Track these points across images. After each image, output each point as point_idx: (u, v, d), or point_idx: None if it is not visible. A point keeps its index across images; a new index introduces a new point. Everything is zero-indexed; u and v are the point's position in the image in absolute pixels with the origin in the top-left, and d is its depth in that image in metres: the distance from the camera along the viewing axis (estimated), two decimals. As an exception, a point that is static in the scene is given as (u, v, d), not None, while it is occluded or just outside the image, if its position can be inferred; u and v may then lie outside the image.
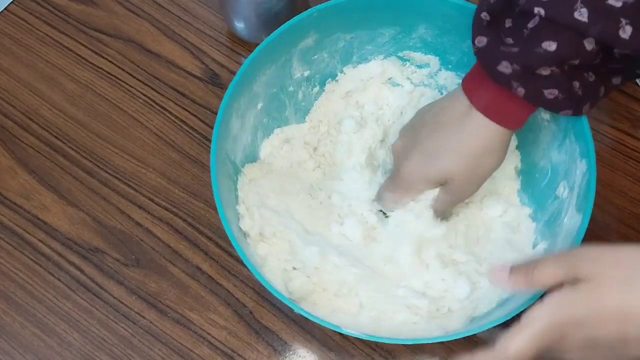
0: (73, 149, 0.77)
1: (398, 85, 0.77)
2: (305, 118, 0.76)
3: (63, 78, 0.81)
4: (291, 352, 0.69)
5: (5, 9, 0.85)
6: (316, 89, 0.76)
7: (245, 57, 0.82)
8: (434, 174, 0.65)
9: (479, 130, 0.62)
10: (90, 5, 0.85)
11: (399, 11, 0.71)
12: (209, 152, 0.77)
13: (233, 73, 0.81)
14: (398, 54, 0.75)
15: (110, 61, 0.82)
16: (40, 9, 0.85)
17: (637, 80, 0.80)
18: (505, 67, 0.57)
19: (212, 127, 0.78)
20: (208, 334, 0.70)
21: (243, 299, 0.71)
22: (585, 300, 0.49)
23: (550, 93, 0.58)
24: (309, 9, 0.69)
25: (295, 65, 0.72)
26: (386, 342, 0.61)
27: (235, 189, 0.68)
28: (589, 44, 0.55)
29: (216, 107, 0.79)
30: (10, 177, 0.76)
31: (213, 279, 0.72)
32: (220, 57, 0.82)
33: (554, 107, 0.59)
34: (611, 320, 0.49)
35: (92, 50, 0.83)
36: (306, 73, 0.74)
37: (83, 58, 0.82)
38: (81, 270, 0.72)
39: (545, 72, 0.57)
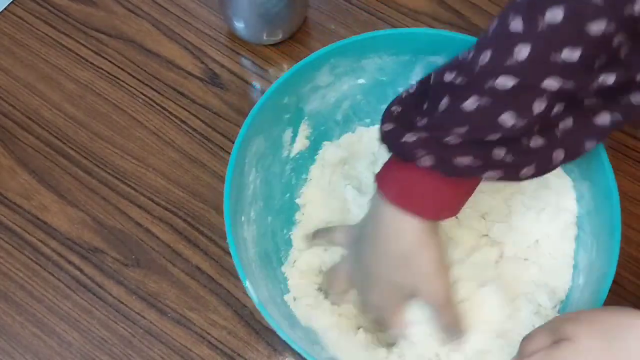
0: (73, 149, 0.77)
1: None
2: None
3: (63, 78, 0.81)
4: (291, 352, 0.69)
5: (5, 9, 0.85)
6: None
7: (246, 57, 0.82)
8: (391, 296, 0.61)
9: (396, 229, 0.57)
10: (90, 5, 0.85)
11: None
12: (209, 152, 0.77)
13: (233, 73, 0.81)
14: None
15: (110, 61, 0.82)
16: (40, 9, 0.85)
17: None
18: (409, 137, 0.53)
19: (212, 127, 0.78)
20: (208, 333, 0.70)
21: (243, 299, 0.71)
22: (566, 357, 0.50)
23: (462, 160, 0.53)
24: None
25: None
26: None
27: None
28: (508, 120, 0.51)
29: (216, 107, 0.79)
30: (10, 177, 0.76)
31: (213, 279, 0.72)
32: (220, 57, 0.82)
33: (469, 175, 0.54)
34: None
35: (92, 50, 0.83)
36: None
37: (83, 58, 0.82)
38: (81, 270, 0.72)
39: (454, 141, 0.52)
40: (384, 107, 0.59)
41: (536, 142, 0.54)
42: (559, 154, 0.55)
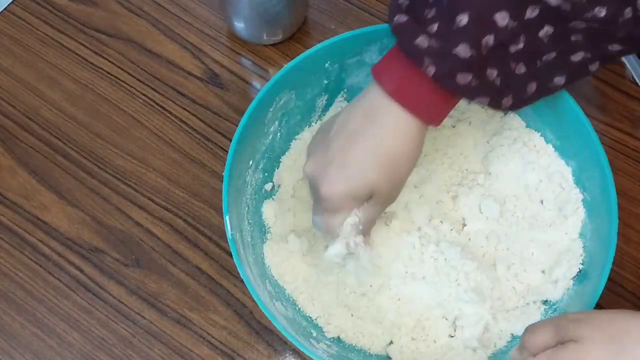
0: (73, 149, 0.77)
1: None
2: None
3: (63, 78, 0.81)
4: (291, 352, 0.69)
5: (5, 9, 0.85)
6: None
7: (246, 57, 0.82)
8: (356, 190, 0.59)
9: (388, 127, 0.58)
10: (90, 5, 0.85)
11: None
12: (209, 152, 0.77)
13: (233, 73, 0.81)
14: None
15: (110, 61, 0.82)
16: (40, 9, 0.85)
17: (638, 81, 0.80)
18: (421, 41, 0.54)
19: (212, 127, 0.78)
20: (208, 334, 0.70)
21: (243, 299, 0.71)
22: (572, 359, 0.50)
23: (463, 78, 0.55)
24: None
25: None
26: None
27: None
28: (501, 19, 0.53)
29: (216, 107, 0.79)
30: (10, 177, 0.76)
31: (213, 279, 0.72)
32: (220, 57, 0.82)
33: (466, 92, 0.56)
34: None
35: (92, 50, 0.82)
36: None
37: (83, 58, 0.82)
38: (81, 270, 0.72)
39: (464, 53, 0.54)
40: None
41: (520, 69, 0.56)
42: (532, 86, 0.58)
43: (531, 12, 0.55)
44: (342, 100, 0.74)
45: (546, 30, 0.56)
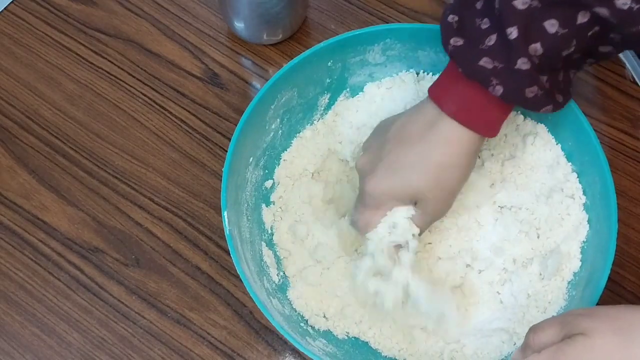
0: (73, 149, 0.77)
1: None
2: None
3: (63, 78, 0.81)
4: (291, 352, 0.69)
5: (5, 9, 0.85)
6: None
7: (246, 57, 0.82)
8: (400, 191, 0.61)
9: (445, 137, 0.59)
10: (90, 5, 0.85)
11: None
12: (209, 152, 0.77)
13: (233, 73, 0.81)
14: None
15: (110, 61, 0.82)
16: (40, 9, 0.85)
17: (637, 81, 0.80)
18: (486, 62, 0.56)
19: (212, 127, 0.78)
20: (208, 333, 0.70)
21: (243, 299, 0.71)
22: (580, 353, 0.49)
23: (531, 91, 0.57)
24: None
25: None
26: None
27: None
28: (550, 27, 0.54)
29: (216, 107, 0.79)
30: (10, 177, 0.76)
31: (213, 278, 0.72)
32: (220, 57, 0.82)
33: (533, 105, 0.58)
34: None
35: (92, 50, 0.82)
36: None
37: (83, 58, 0.82)
38: (81, 270, 0.72)
39: (525, 67, 0.55)
40: None
41: (571, 71, 0.59)
42: (574, 77, 0.60)
43: (582, 18, 0.54)
44: (344, 100, 0.74)
45: (594, 30, 0.56)
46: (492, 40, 0.56)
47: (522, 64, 0.55)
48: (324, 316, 0.67)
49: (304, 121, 0.73)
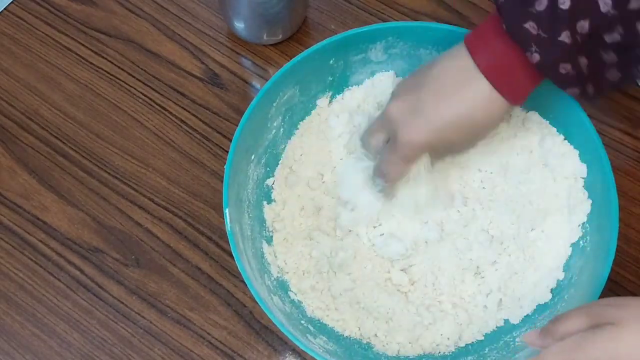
0: (73, 149, 0.77)
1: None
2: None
3: (63, 78, 0.81)
4: (291, 352, 0.69)
5: (5, 9, 0.85)
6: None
7: (246, 57, 0.82)
8: (436, 146, 0.64)
9: (479, 98, 0.60)
10: (90, 5, 0.85)
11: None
12: (209, 152, 0.77)
13: (233, 73, 0.81)
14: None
15: (110, 61, 0.82)
16: (40, 9, 0.85)
17: (638, 81, 0.80)
18: (531, 27, 0.55)
19: (212, 127, 0.78)
20: (208, 333, 0.70)
21: (243, 299, 0.71)
22: (608, 342, 0.48)
23: (564, 68, 0.56)
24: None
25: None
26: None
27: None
28: (603, 5, 0.54)
29: (216, 107, 0.79)
30: (10, 177, 0.76)
31: (213, 279, 0.72)
32: (220, 57, 0.82)
33: (563, 82, 0.58)
34: None
35: (92, 50, 0.82)
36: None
37: (83, 58, 0.82)
38: (81, 270, 0.72)
39: (567, 39, 0.55)
40: None
41: (611, 58, 0.57)
42: (615, 75, 0.58)
43: (637, 3, 0.54)
44: (344, 99, 0.74)
45: None
46: (542, 5, 0.55)
47: (566, 37, 0.54)
48: (325, 313, 0.67)
49: (305, 119, 0.73)
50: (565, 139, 0.69)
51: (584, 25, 0.54)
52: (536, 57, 0.56)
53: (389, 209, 0.69)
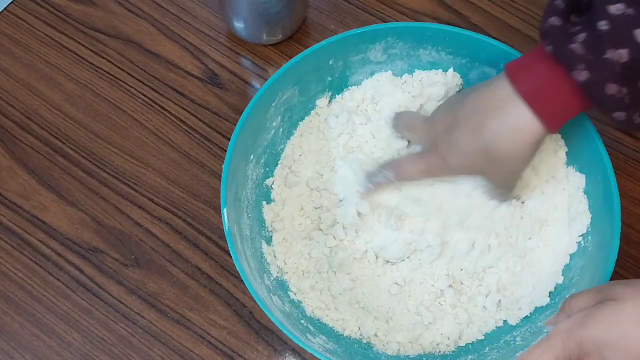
0: (72, 149, 0.77)
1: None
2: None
3: (62, 78, 0.81)
4: (291, 352, 0.69)
5: (4, 9, 0.85)
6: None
7: (245, 57, 0.82)
8: (468, 171, 0.64)
9: (513, 124, 0.59)
10: (90, 5, 0.85)
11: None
12: (209, 152, 0.77)
13: (233, 73, 0.81)
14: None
15: (109, 61, 0.82)
16: (40, 9, 0.85)
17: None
18: (576, 47, 0.54)
19: (212, 127, 0.78)
20: (208, 333, 0.70)
21: (243, 299, 0.71)
22: (607, 316, 0.49)
23: (612, 88, 0.54)
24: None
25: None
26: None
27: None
28: None
29: (215, 107, 0.79)
30: (10, 177, 0.76)
31: (213, 279, 0.72)
32: (219, 57, 0.82)
33: (608, 104, 0.56)
34: (632, 347, 0.48)
35: (92, 50, 0.82)
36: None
37: (82, 58, 0.82)
38: (80, 270, 0.72)
39: (617, 58, 0.53)
40: None
41: None
42: (637, 117, 0.57)
43: None
44: (343, 99, 0.74)
45: None
46: (581, 37, 0.54)
47: (611, 54, 0.53)
48: (325, 313, 0.67)
49: (304, 119, 0.73)
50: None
51: (622, 55, 0.53)
52: (583, 75, 0.54)
53: (404, 209, 0.69)
